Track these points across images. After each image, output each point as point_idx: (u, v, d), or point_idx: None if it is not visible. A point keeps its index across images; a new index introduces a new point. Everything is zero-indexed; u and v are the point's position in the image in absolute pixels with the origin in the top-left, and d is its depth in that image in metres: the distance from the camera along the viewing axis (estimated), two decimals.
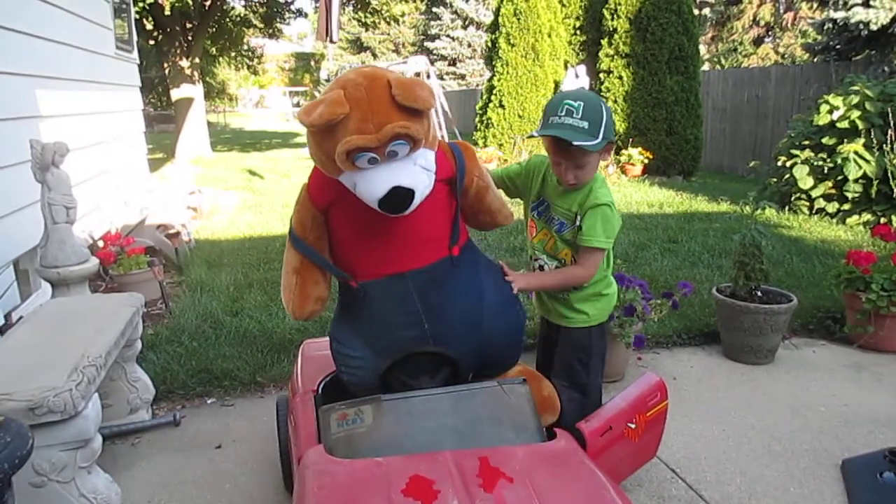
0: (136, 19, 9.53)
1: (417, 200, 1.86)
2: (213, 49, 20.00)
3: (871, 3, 11.00)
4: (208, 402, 3.38)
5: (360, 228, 1.99)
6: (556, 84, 11.62)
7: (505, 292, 2.20)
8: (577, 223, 2.32)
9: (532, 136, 2.31)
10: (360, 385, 2.10)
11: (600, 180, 2.36)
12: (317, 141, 1.86)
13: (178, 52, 15.77)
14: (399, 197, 1.81)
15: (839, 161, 6.97)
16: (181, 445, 2.98)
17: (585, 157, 2.21)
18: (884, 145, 6.75)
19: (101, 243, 5.06)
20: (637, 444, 2.18)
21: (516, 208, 2.52)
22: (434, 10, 33.56)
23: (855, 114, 7.07)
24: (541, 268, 2.48)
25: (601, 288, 2.47)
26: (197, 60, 16.30)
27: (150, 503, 2.55)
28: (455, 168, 2.06)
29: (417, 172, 1.86)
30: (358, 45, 39.22)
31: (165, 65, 16.56)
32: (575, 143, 2.13)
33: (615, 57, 11.20)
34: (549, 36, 11.61)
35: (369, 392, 1.97)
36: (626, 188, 9.74)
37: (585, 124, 2.14)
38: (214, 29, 18.24)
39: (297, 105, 41.62)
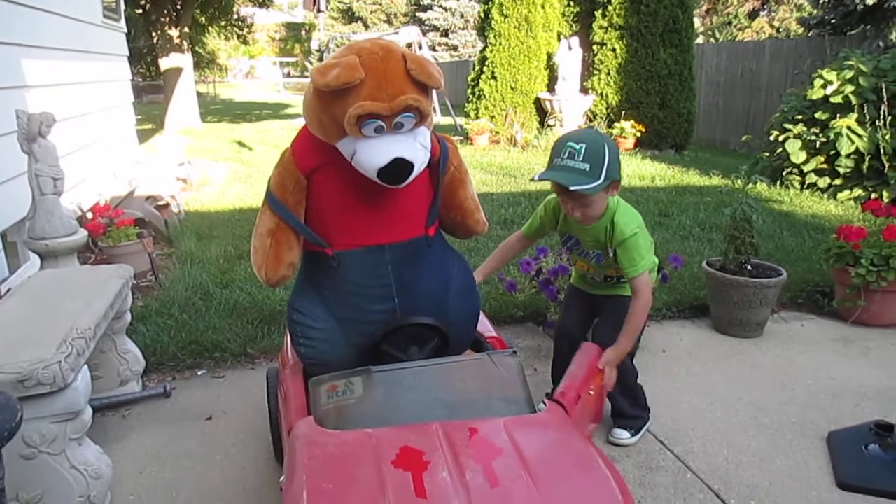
0: None
1: (414, 175, 1.89)
2: (203, 18, 19.69)
3: None
4: (199, 373, 3.39)
5: (344, 197, 1.99)
6: (549, 55, 11.53)
7: (468, 280, 2.24)
8: (612, 254, 2.50)
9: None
10: (316, 359, 2.09)
11: (621, 208, 2.51)
12: (324, 104, 1.86)
13: (167, 21, 15.54)
14: (399, 168, 1.83)
15: (832, 136, 6.98)
16: (172, 417, 2.99)
17: (589, 197, 2.34)
18: (876, 121, 6.75)
19: (89, 215, 5.02)
20: (594, 410, 2.21)
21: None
22: None
23: (848, 88, 7.06)
24: (593, 279, 2.73)
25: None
26: (186, 30, 16.07)
27: (141, 474, 2.56)
28: (439, 152, 2.09)
29: (417, 148, 1.88)
30: (349, 16, 38.81)
31: (154, 34, 16.31)
32: (571, 188, 2.25)
33: (609, 29, 11.10)
34: (543, 7, 11.49)
35: (324, 369, 1.97)
36: None
37: (587, 166, 2.24)
38: None
39: (288, 76, 41.26)
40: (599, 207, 2.43)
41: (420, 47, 15.31)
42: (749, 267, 3.82)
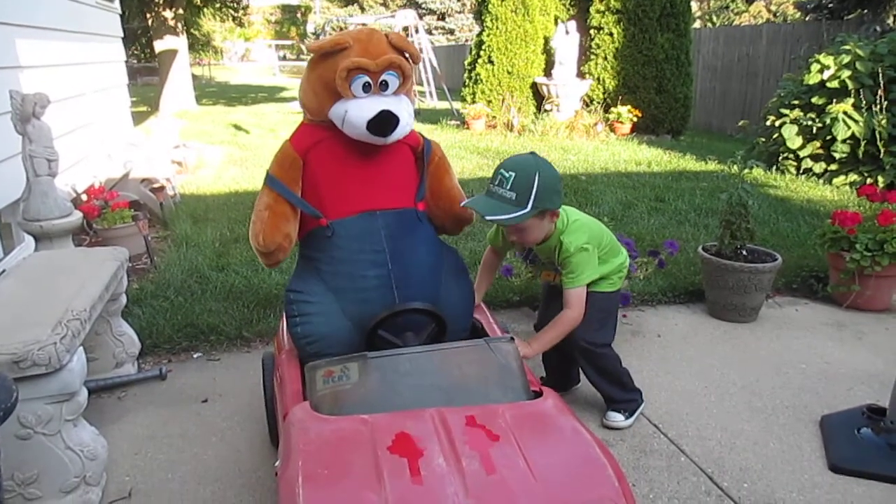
0: None
1: (399, 131, 2.12)
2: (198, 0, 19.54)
3: None
4: (194, 356, 3.39)
5: (336, 167, 2.17)
6: (546, 40, 11.47)
7: (459, 263, 2.37)
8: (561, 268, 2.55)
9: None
10: (313, 336, 2.11)
11: (571, 227, 2.50)
12: (317, 71, 2.12)
13: (161, 2, 15.39)
14: (386, 119, 2.06)
15: (828, 121, 6.97)
16: (167, 399, 2.99)
17: (519, 223, 2.31)
18: (873, 105, 6.74)
19: (84, 197, 5.01)
20: None
21: None
22: None
23: (845, 73, 7.05)
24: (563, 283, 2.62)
25: (603, 273, 2.64)
26: (181, 11, 15.93)
27: (136, 455, 2.57)
28: (422, 143, 2.33)
29: (402, 108, 2.13)
30: None
31: (148, 15, 16.17)
32: (486, 217, 2.28)
33: (606, 13, 11.03)
34: None
35: (321, 346, 2.06)
36: (615, 146, 9.70)
37: (513, 195, 2.25)
38: None
39: (284, 59, 40.99)
40: (536, 234, 2.43)
41: (416, 31, 15.25)
42: (744, 252, 3.83)
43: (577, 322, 2.53)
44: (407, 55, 2.17)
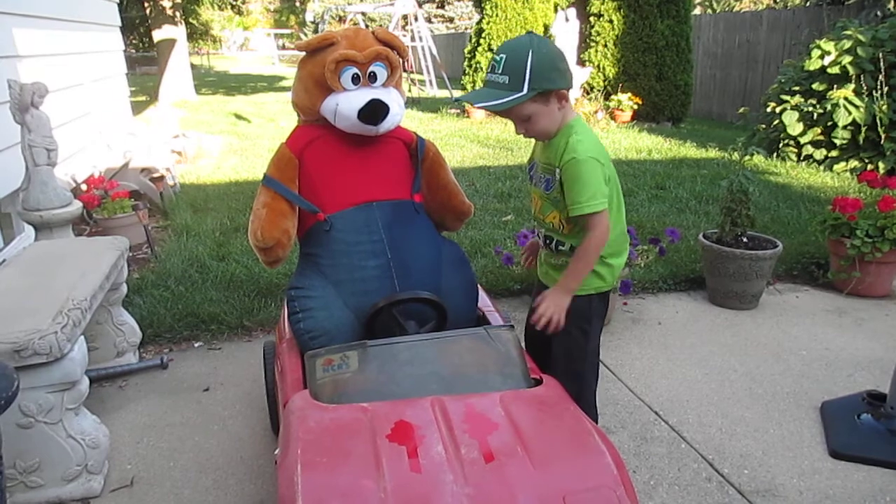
0: None
1: (390, 120, 2.17)
2: None
3: None
4: (195, 345, 3.39)
5: (332, 162, 2.21)
6: (546, 27, 11.42)
7: (460, 255, 2.35)
8: (559, 178, 2.06)
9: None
10: (315, 330, 2.10)
11: (579, 127, 2.07)
12: (307, 68, 2.18)
13: None
14: (376, 107, 2.11)
15: (829, 107, 6.94)
16: (169, 388, 3.00)
17: (521, 111, 2.00)
18: (874, 91, 6.72)
19: (84, 187, 5.00)
20: None
21: None
22: None
23: (846, 59, 7.02)
24: (545, 241, 2.26)
25: (604, 254, 2.11)
26: (179, 0, 15.88)
27: (138, 444, 2.58)
28: (415, 139, 2.35)
29: (392, 98, 2.18)
30: None
31: (146, 4, 16.11)
32: (476, 105, 2.06)
33: (606, 0, 11.00)
34: None
35: (323, 340, 2.05)
36: (615, 134, 9.67)
37: (506, 79, 1.96)
38: None
39: (283, 48, 40.86)
40: (546, 121, 2.04)
41: (416, 19, 15.20)
42: (745, 239, 3.83)
43: (601, 245, 2.05)
44: (394, 46, 2.22)
